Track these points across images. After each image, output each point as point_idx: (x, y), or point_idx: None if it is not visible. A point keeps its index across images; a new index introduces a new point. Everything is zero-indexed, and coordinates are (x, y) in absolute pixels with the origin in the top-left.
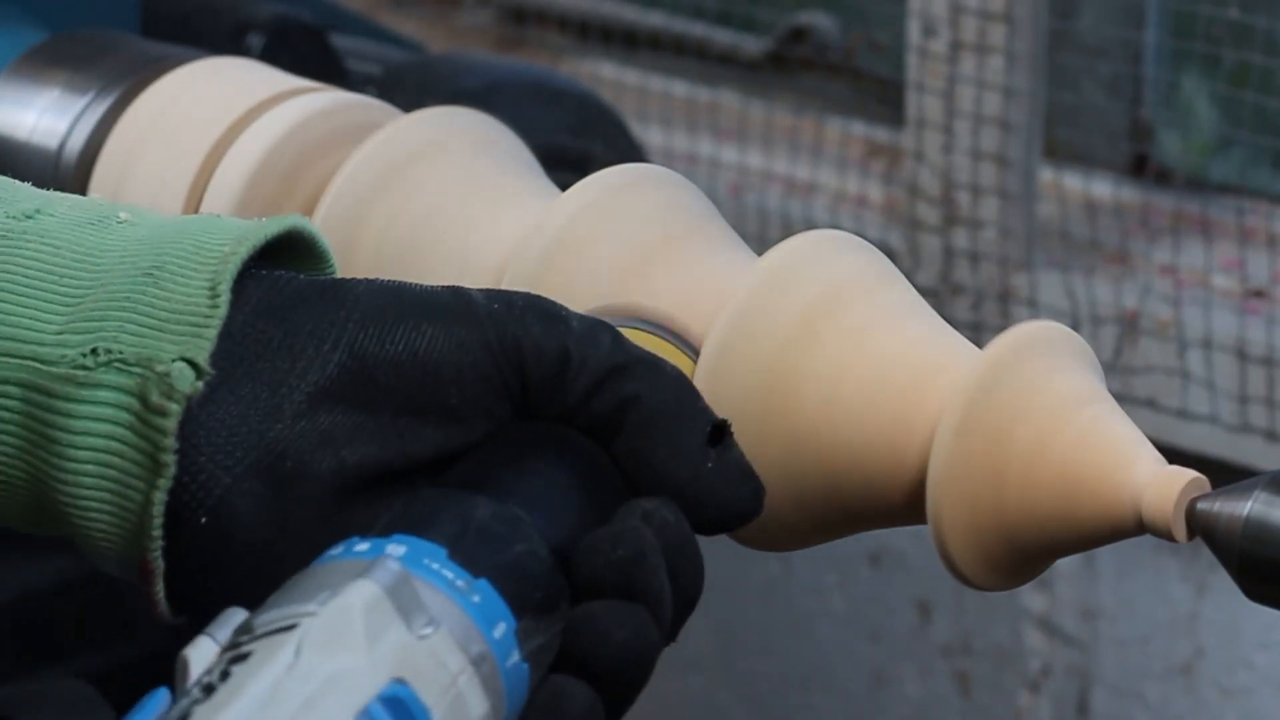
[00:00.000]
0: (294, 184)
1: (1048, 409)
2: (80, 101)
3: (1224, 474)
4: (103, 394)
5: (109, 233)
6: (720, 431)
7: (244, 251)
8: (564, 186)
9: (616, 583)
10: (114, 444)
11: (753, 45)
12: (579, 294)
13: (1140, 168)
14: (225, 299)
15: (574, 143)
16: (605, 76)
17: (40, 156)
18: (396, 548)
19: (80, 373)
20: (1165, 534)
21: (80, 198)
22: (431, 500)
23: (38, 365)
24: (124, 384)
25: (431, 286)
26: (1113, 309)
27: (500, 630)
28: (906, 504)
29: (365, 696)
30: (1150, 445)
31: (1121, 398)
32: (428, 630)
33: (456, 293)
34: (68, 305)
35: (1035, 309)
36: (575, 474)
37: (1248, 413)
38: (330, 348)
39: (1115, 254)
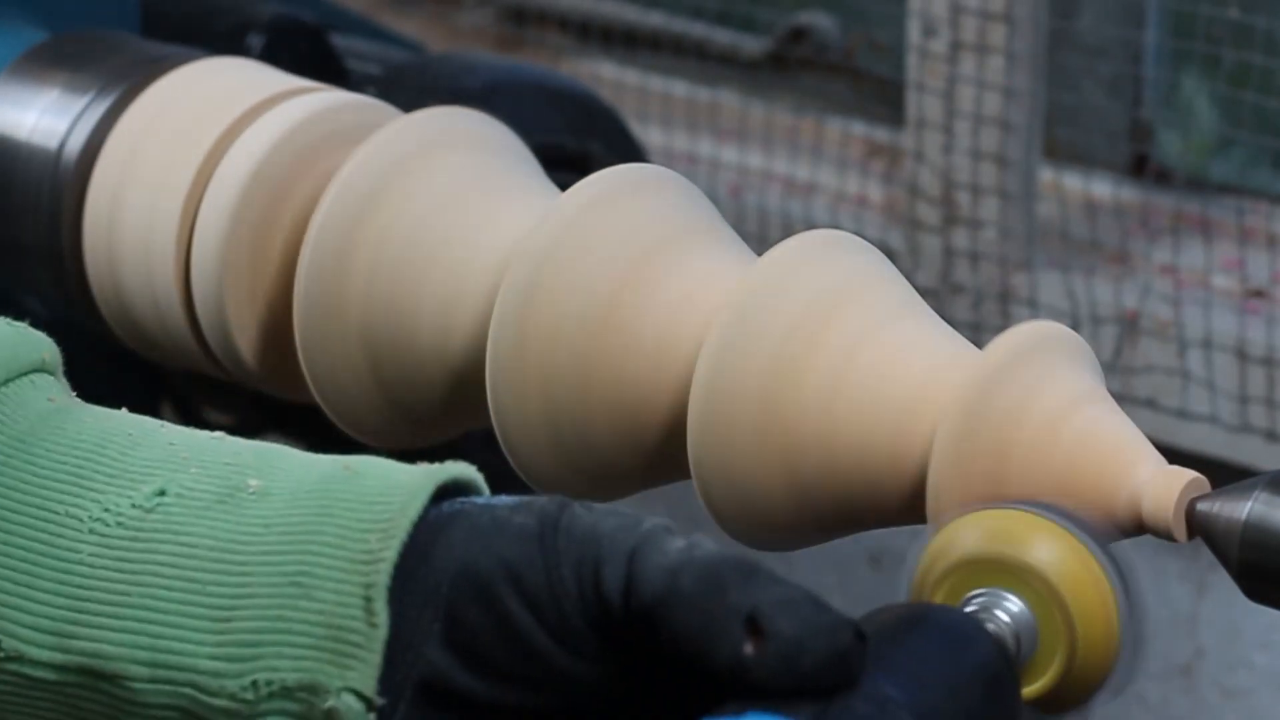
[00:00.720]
0: (294, 184)
1: (1047, 410)
2: (80, 101)
3: (1224, 474)
4: None
5: (242, 513)
6: (754, 622)
7: (392, 554)
8: (564, 186)
9: None
10: None
11: (753, 45)
12: (579, 294)
13: (1140, 168)
14: (383, 617)
15: (574, 143)
16: (605, 76)
17: (40, 156)
18: None
19: (244, 706)
20: (1165, 534)
21: (201, 449)
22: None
23: (196, 695)
24: (290, 709)
25: (519, 526)
26: (1113, 309)
27: None
28: (906, 504)
29: None
30: (1150, 445)
31: (1121, 398)
32: None
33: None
34: (216, 620)
35: (1035, 309)
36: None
37: (1248, 413)
38: (431, 618)
39: (1115, 254)
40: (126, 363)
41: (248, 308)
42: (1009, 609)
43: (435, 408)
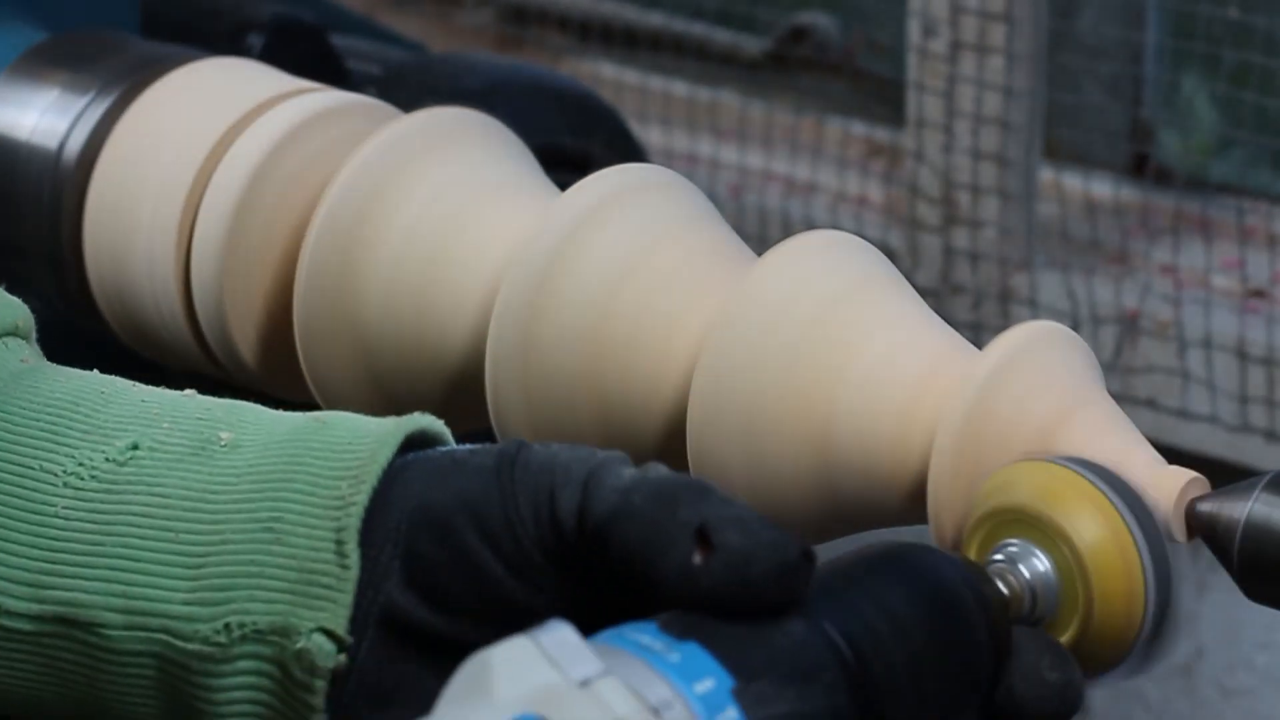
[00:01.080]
0: (294, 185)
1: (1047, 410)
2: (80, 101)
3: (1224, 474)
4: (242, 665)
5: (214, 464)
6: (703, 534)
7: (363, 498)
8: (564, 186)
9: None
10: (261, 710)
11: (753, 45)
12: (579, 295)
13: (1140, 168)
14: (355, 559)
15: (574, 143)
16: (605, 76)
17: (40, 156)
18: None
19: (216, 650)
20: (1165, 534)
21: (173, 405)
22: None
23: (170, 640)
24: (262, 653)
25: (477, 464)
26: (1113, 309)
27: (706, 686)
28: (906, 504)
29: None
30: (1149, 446)
31: (1121, 398)
32: (588, 676)
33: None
34: (189, 567)
35: (1035, 309)
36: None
37: (1248, 413)
38: (391, 555)
39: (1115, 254)
40: (126, 363)
41: (248, 308)
42: (1035, 567)
43: (435, 408)
